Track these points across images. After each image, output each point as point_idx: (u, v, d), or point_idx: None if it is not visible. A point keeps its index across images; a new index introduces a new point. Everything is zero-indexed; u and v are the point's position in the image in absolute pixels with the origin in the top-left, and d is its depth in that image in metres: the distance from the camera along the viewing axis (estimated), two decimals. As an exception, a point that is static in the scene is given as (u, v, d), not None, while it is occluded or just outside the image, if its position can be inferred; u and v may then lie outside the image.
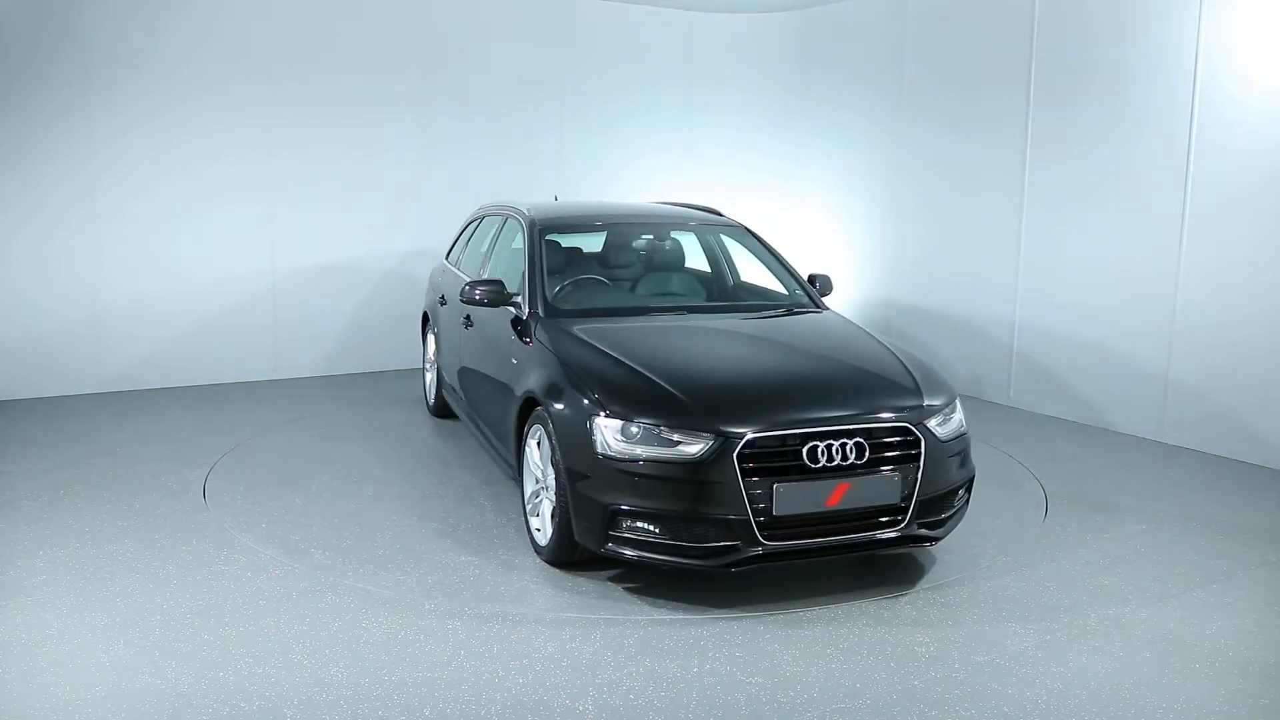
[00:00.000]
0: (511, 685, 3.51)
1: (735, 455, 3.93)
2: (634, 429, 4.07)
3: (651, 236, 6.28)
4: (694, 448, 3.98)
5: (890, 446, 4.19)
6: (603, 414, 4.14)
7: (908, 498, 4.18)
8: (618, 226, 6.21)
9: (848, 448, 4.07)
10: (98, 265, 7.62)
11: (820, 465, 4.03)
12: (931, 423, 4.30)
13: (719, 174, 9.90)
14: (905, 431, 4.21)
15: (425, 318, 7.57)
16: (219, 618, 3.98)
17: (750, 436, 3.97)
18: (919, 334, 8.59)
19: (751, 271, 6.16)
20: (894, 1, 8.61)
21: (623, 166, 9.62)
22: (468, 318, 6.08)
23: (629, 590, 4.30)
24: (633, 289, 5.83)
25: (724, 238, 6.22)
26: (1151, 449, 6.64)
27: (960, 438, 4.46)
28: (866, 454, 4.10)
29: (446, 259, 7.34)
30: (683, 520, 3.99)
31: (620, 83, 9.55)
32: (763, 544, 3.99)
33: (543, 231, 5.71)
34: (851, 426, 4.12)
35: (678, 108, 9.81)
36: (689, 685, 3.53)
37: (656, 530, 4.04)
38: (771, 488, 3.96)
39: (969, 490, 4.61)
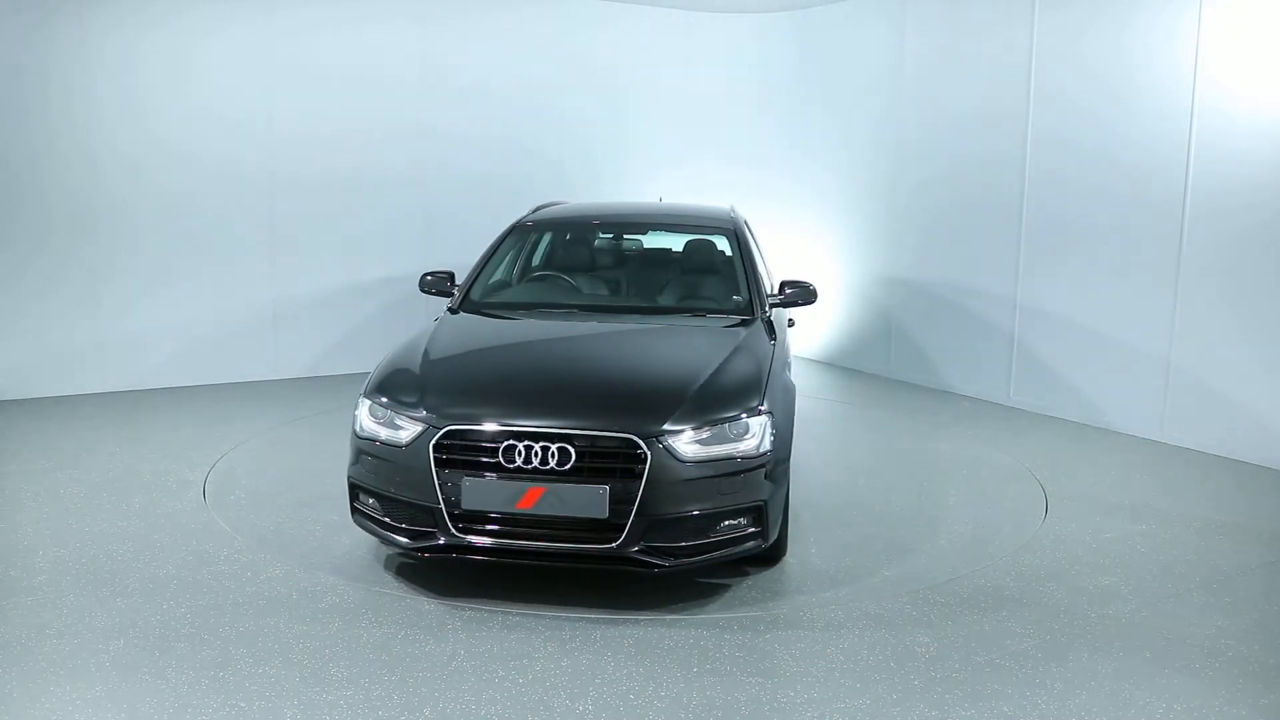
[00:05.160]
0: (511, 685, 3.51)
1: (432, 445, 4.05)
2: (379, 411, 4.30)
3: (610, 236, 6.40)
4: (404, 434, 4.16)
5: (606, 457, 4.00)
6: (362, 395, 4.44)
7: (622, 514, 3.95)
8: (605, 226, 6.31)
9: (549, 452, 3.97)
10: (97, 266, 7.61)
11: (515, 466, 3.99)
12: (675, 440, 3.99)
13: (721, 172, 9.88)
14: (630, 445, 3.97)
15: None
16: (219, 618, 3.99)
17: (449, 428, 4.06)
18: (918, 332, 8.59)
19: (738, 274, 6.11)
20: (894, 1, 8.62)
21: (623, 166, 9.61)
22: None
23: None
24: (577, 289, 5.73)
25: (712, 240, 6.19)
26: (1151, 449, 6.64)
27: (729, 460, 4.05)
28: (571, 461, 3.96)
29: None
30: (394, 502, 4.20)
31: (620, 82, 9.53)
32: (452, 535, 4.07)
33: (516, 229, 5.85)
34: (558, 431, 3.99)
35: (679, 106, 9.80)
36: (689, 685, 3.53)
37: (379, 508, 4.28)
38: (461, 481, 4.02)
39: (756, 522, 4.14)
